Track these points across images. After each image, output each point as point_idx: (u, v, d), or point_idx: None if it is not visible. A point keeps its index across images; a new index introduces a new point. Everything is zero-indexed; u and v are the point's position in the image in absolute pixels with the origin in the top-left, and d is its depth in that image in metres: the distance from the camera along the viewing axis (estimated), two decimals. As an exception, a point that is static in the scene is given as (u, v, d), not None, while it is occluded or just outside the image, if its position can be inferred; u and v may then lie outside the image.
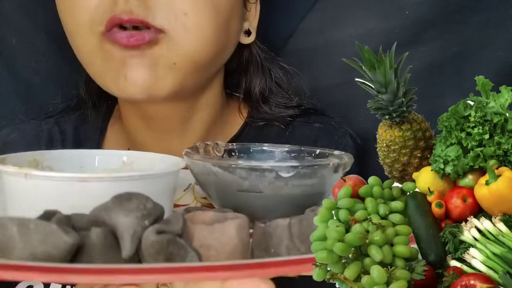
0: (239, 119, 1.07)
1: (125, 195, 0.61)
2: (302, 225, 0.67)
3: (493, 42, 1.08)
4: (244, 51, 1.06)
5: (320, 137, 1.05)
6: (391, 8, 1.08)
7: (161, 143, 1.03)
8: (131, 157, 0.84)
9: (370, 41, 1.04)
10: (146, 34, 0.87)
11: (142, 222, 0.59)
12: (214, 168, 0.76)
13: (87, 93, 1.08)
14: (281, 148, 0.89)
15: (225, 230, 0.64)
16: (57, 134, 1.07)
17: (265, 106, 1.06)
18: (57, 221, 0.60)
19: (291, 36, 1.11)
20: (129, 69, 0.88)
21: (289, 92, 1.07)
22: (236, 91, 1.09)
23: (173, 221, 0.62)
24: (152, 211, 0.61)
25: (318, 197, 0.77)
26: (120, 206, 0.60)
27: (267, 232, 0.67)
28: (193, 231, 0.64)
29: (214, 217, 0.68)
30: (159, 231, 0.59)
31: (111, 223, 0.60)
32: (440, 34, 1.08)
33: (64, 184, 0.67)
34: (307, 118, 1.07)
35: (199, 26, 0.89)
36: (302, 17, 1.11)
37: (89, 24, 0.89)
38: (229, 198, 0.77)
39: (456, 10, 1.07)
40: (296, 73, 1.08)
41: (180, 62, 0.90)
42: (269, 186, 0.75)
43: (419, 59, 1.08)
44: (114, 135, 1.08)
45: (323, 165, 0.77)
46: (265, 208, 0.76)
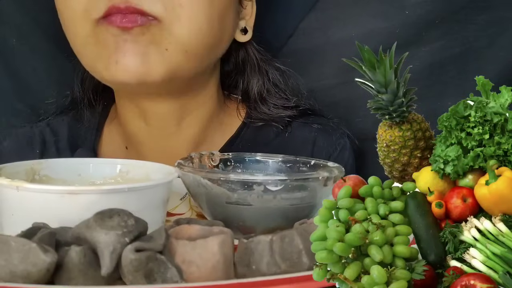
0: (237, 120, 1.07)
1: (107, 212, 0.62)
2: (283, 242, 0.66)
3: (494, 42, 1.08)
4: (240, 51, 1.06)
5: (318, 138, 1.05)
6: (392, 8, 1.08)
7: (158, 142, 1.03)
8: (128, 166, 0.85)
9: (370, 41, 1.04)
10: (139, 18, 0.88)
11: (123, 239, 0.60)
12: (203, 181, 0.77)
13: (82, 92, 1.08)
14: (276, 158, 0.90)
15: (208, 246, 0.64)
16: (50, 136, 1.07)
17: (264, 106, 1.06)
18: (39, 239, 0.61)
19: (291, 36, 1.12)
20: (121, 54, 0.89)
21: (287, 93, 1.08)
22: (234, 92, 1.09)
23: (155, 237, 0.63)
24: (134, 227, 0.62)
25: (308, 210, 0.78)
26: (101, 223, 0.61)
27: (249, 248, 0.67)
28: (176, 247, 0.64)
29: (200, 231, 0.68)
30: (138, 249, 0.60)
31: (92, 240, 0.61)
32: (441, 34, 1.08)
33: (54, 196, 0.68)
34: (305, 119, 1.07)
35: (193, 17, 0.91)
36: (303, 17, 1.11)
37: (83, 11, 0.90)
38: (219, 210, 0.78)
39: (457, 10, 1.07)
40: (293, 74, 1.08)
41: (172, 50, 0.91)
42: (258, 199, 0.76)
43: (419, 59, 1.08)
44: (111, 135, 1.08)
45: (313, 178, 0.78)
46: (254, 220, 0.77)
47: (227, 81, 1.09)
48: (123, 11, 0.88)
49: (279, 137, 1.06)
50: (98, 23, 0.90)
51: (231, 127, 1.07)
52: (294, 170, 0.88)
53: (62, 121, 1.09)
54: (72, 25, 0.93)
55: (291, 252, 0.66)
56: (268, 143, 1.06)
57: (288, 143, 1.06)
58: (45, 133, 1.07)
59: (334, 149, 1.05)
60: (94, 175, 0.84)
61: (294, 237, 0.66)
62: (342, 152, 1.05)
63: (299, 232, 0.67)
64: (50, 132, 1.07)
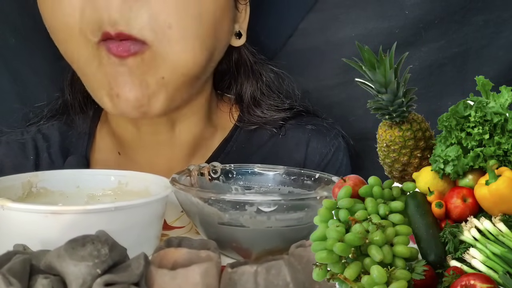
0: (229, 122, 1.06)
1: (80, 240, 0.58)
2: (269, 274, 0.61)
3: (493, 42, 1.08)
4: (233, 53, 1.05)
5: (312, 139, 1.05)
6: (391, 8, 1.08)
7: (151, 148, 1.02)
8: (127, 178, 0.83)
9: (370, 41, 1.05)
10: (132, 46, 0.86)
11: (94, 271, 0.56)
12: (194, 199, 0.73)
13: (72, 95, 1.07)
14: (280, 170, 0.86)
15: (188, 276, 0.60)
16: (41, 142, 1.06)
17: (257, 109, 1.05)
18: (9, 268, 0.57)
19: (291, 36, 1.12)
20: (121, 87, 0.88)
21: (281, 95, 1.07)
22: (228, 93, 1.09)
23: (132, 266, 0.58)
24: (107, 257, 0.57)
25: (306, 231, 0.72)
26: (72, 253, 0.57)
27: (232, 279, 0.61)
28: (155, 276, 0.59)
29: (186, 255, 0.64)
30: (108, 282, 0.56)
31: (62, 271, 0.57)
32: (440, 34, 1.08)
33: (38, 216, 0.66)
34: (299, 120, 1.07)
35: (184, 38, 0.88)
36: (302, 17, 1.11)
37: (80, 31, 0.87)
38: (212, 230, 0.74)
39: (456, 11, 1.07)
40: (286, 76, 1.08)
41: (168, 76, 0.89)
42: (251, 220, 0.71)
43: (419, 59, 1.08)
44: (103, 140, 1.07)
45: (310, 198, 0.72)
46: (249, 242, 0.73)
47: (221, 84, 1.09)
48: (115, 37, 0.86)
49: (273, 139, 1.06)
50: (99, 46, 0.88)
51: (225, 129, 1.06)
52: (298, 183, 0.84)
53: (52, 126, 1.07)
54: (72, 45, 0.91)
55: (277, 285, 0.60)
56: (262, 145, 1.06)
57: (282, 145, 1.05)
58: (36, 139, 1.06)
59: (328, 150, 1.05)
60: (93, 187, 0.83)
61: (282, 268, 0.61)
62: (336, 152, 1.05)
63: (288, 262, 0.62)
64: (41, 138, 1.06)
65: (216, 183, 0.85)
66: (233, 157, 1.03)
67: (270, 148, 1.05)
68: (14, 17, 1.12)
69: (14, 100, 1.13)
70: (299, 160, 1.04)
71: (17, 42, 1.12)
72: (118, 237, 0.60)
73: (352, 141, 1.09)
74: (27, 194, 0.79)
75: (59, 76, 1.09)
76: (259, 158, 1.02)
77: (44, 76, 1.13)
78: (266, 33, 1.10)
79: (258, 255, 0.72)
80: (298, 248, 0.64)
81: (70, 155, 1.05)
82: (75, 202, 0.81)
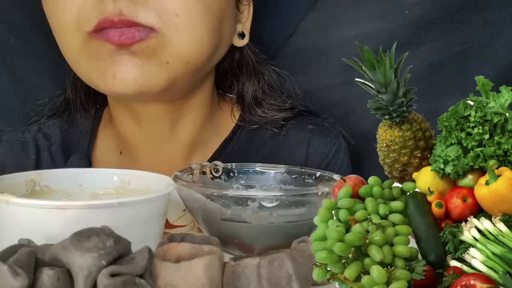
0: (231, 122, 1.06)
1: (86, 232, 0.58)
2: (272, 266, 0.61)
3: (493, 42, 1.09)
4: (236, 53, 1.05)
5: (313, 139, 1.05)
6: (391, 8, 1.08)
7: (153, 146, 1.03)
8: (129, 176, 0.83)
9: (370, 41, 1.05)
10: (137, 33, 0.86)
11: (99, 262, 0.56)
12: (197, 195, 0.73)
13: (74, 93, 1.07)
14: (281, 169, 0.86)
15: (192, 269, 0.60)
16: (42, 140, 1.06)
17: (258, 109, 1.05)
18: (15, 259, 0.57)
19: (291, 35, 1.12)
20: (118, 67, 0.87)
21: (282, 95, 1.07)
22: (229, 92, 1.09)
23: (137, 259, 0.59)
24: (112, 249, 0.57)
25: (308, 227, 0.73)
26: (77, 245, 0.57)
27: (235, 272, 0.62)
28: (159, 269, 0.60)
29: (189, 250, 0.64)
30: (113, 273, 0.56)
31: (68, 263, 0.57)
32: (441, 34, 1.08)
33: (42, 212, 0.66)
34: (300, 120, 1.07)
35: (191, 27, 0.88)
36: (302, 17, 1.11)
37: (75, 23, 0.87)
38: (214, 226, 0.74)
39: (456, 11, 1.07)
40: (288, 76, 1.08)
41: (173, 62, 0.89)
42: (253, 216, 0.71)
43: (419, 59, 1.08)
44: (105, 138, 1.07)
45: (311, 194, 0.73)
46: (251, 238, 0.73)
47: (222, 83, 1.09)
48: (117, 24, 0.85)
49: (274, 139, 1.06)
50: (91, 37, 0.87)
51: (226, 129, 1.06)
52: (299, 182, 0.84)
53: (53, 124, 1.07)
54: (63, 37, 0.91)
55: (280, 277, 0.61)
56: (263, 145, 1.06)
57: (283, 145, 1.05)
58: (37, 138, 1.06)
59: (329, 150, 1.05)
60: (96, 186, 0.82)
61: (284, 261, 0.61)
62: (337, 152, 1.05)
63: (290, 255, 0.62)
64: (42, 137, 1.06)
65: (218, 182, 0.85)
66: (234, 157, 1.03)
67: (271, 148, 1.06)
68: (14, 16, 1.12)
69: (15, 99, 1.13)
70: (300, 160, 1.04)
71: (17, 41, 1.12)
72: (121, 233, 0.60)
73: (353, 141, 1.09)
74: (30, 192, 0.79)
75: (59, 75, 1.09)
76: (260, 158, 1.02)
77: (45, 75, 1.13)
78: (268, 33, 1.10)
79: (260, 251, 0.72)
80: (300, 243, 0.65)
81: (71, 154, 1.05)
82: (78, 200, 0.81)
